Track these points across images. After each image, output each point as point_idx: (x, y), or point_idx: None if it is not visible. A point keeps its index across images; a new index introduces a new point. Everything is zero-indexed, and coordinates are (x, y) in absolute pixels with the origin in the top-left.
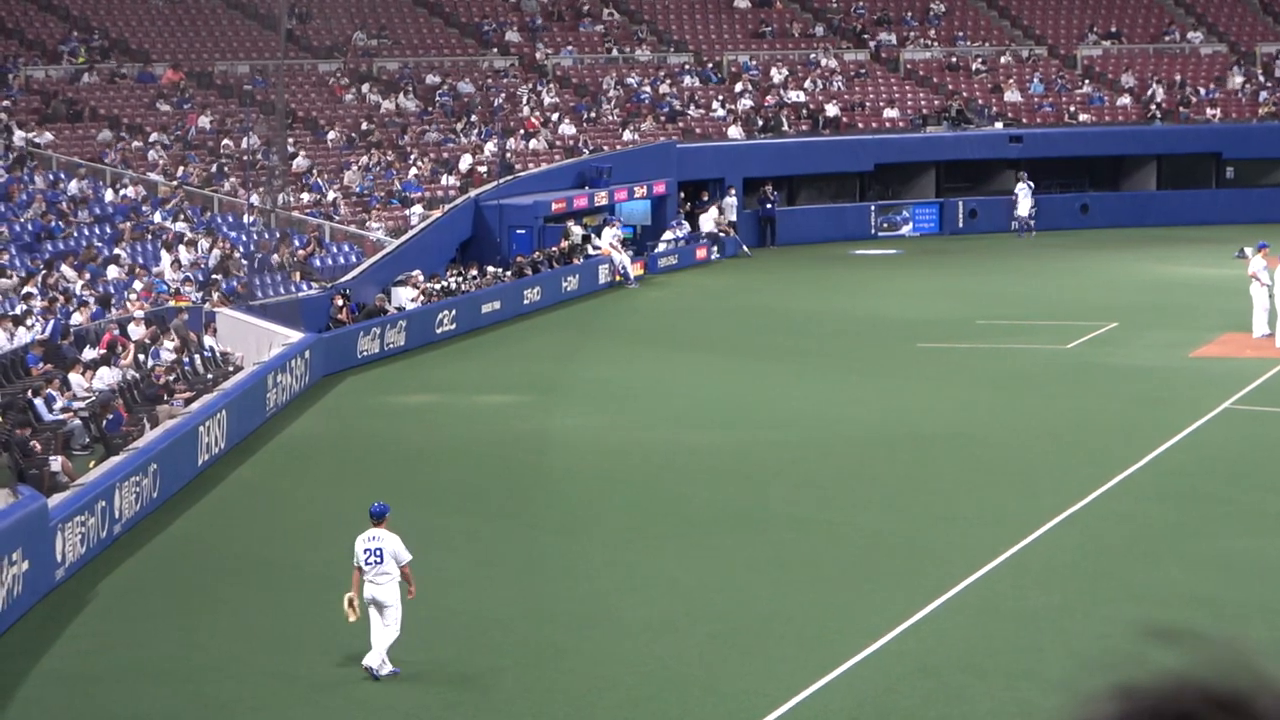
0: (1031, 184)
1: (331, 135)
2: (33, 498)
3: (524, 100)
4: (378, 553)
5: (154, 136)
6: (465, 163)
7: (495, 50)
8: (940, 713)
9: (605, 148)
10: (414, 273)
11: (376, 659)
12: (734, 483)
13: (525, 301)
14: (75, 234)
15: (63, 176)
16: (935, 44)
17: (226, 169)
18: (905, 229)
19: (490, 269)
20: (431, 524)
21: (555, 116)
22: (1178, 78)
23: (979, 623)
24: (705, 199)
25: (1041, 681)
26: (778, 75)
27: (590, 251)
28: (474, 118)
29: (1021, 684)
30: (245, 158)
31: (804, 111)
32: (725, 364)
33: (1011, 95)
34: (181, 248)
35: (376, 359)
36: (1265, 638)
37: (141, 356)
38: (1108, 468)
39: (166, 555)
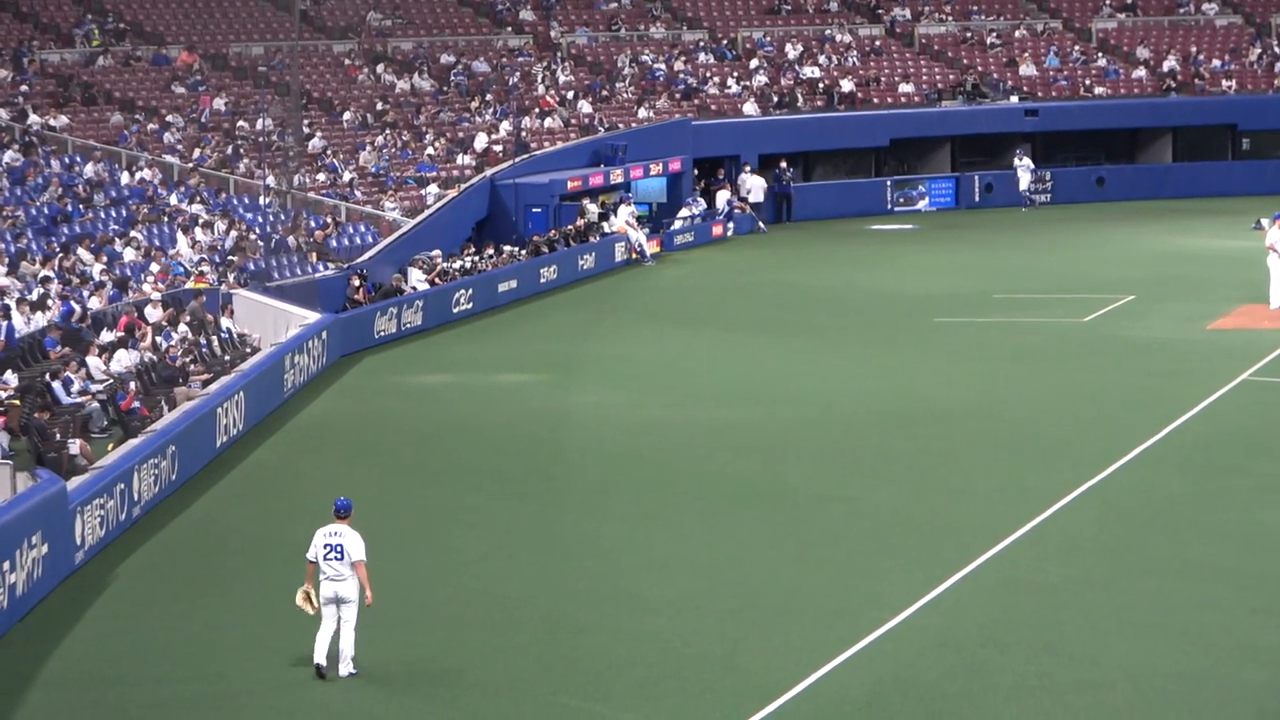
0: (1030, 160)
1: (346, 116)
2: (51, 481)
3: (539, 79)
4: (338, 549)
5: (169, 119)
6: (480, 142)
7: (509, 29)
8: (961, 687)
9: (620, 125)
10: (434, 253)
11: (345, 665)
12: (752, 459)
13: (542, 280)
14: (92, 217)
15: (78, 160)
16: (950, 18)
17: (242, 151)
18: (921, 204)
19: (506, 248)
20: (450, 503)
21: (570, 95)
22: (1193, 50)
23: (999, 597)
24: (721, 176)
25: (1062, 655)
26: (792, 51)
27: (606, 229)
28: (489, 97)
29: (1042, 657)
30: (260, 139)
31: (819, 87)
32: (742, 341)
33: (1027, 69)
34: (198, 229)
35: (393, 339)
36: None
37: (159, 339)
38: (1126, 440)
39: (186, 537)
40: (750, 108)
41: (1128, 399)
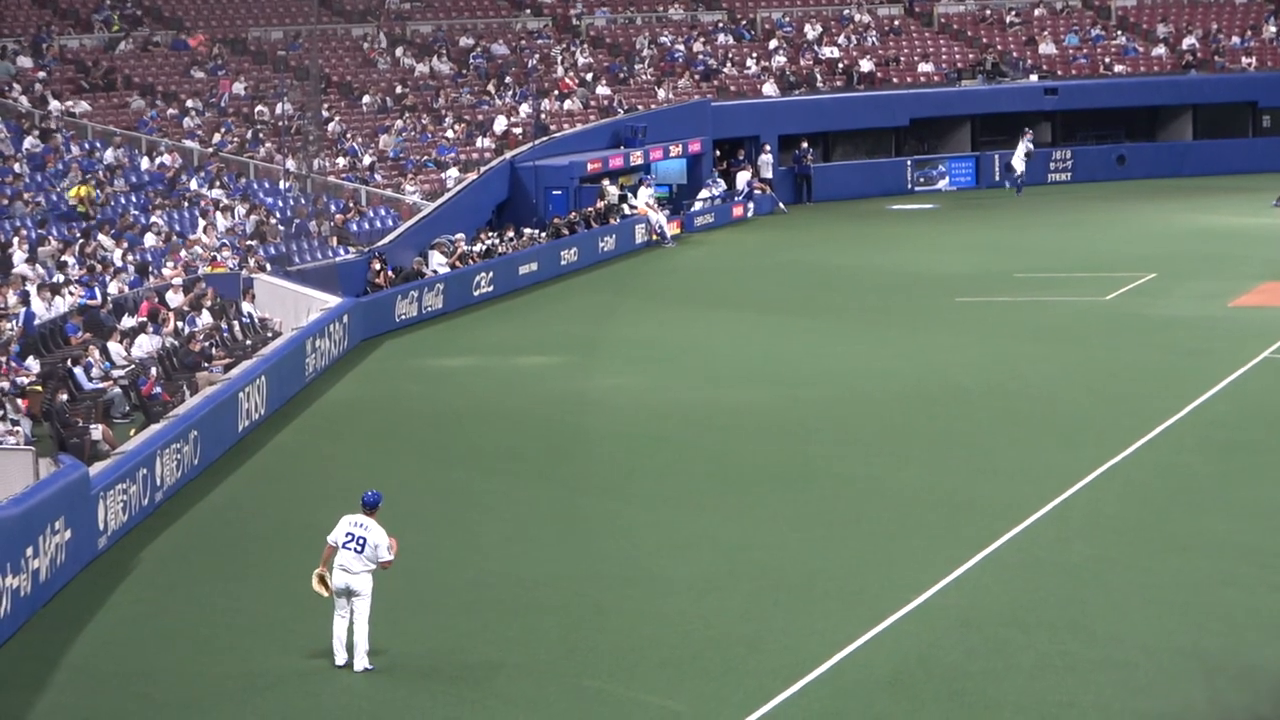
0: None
1: (366, 100)
2: (74, 466)
3: (558, 61)
4: (360, 541)
5: (188, 104)
6: (500, 125)
7: (528, 11)
8: (984, 666)
9: (640, 107)
10: (456, 236)
11: (360, 660)
12: (774, 440)
13: (562, 262)
14: (111, 203)
15: (98, 145)
16: None
17: (261, 135)
18: (941, 183)
19: (527, 230)
20: (471, 486)
21: (589, 77)
22: (1213, 26)
23: (1022, 576)
24: (741, 157)
25: (1085, 634)
26: (811, 31)
27: (627, 211)
28: (508, 79)
29: (1065, 636)
30: (280, 124)
31: (838, 67)
32: (764, 321)
33: (1046, 47)
34: (218, 214)
35: (414, 322)
36: None
37: (180, 324)
38: (1148, 419)
39: (208, 522)
40: (770, 88)
41: (1149, 377)
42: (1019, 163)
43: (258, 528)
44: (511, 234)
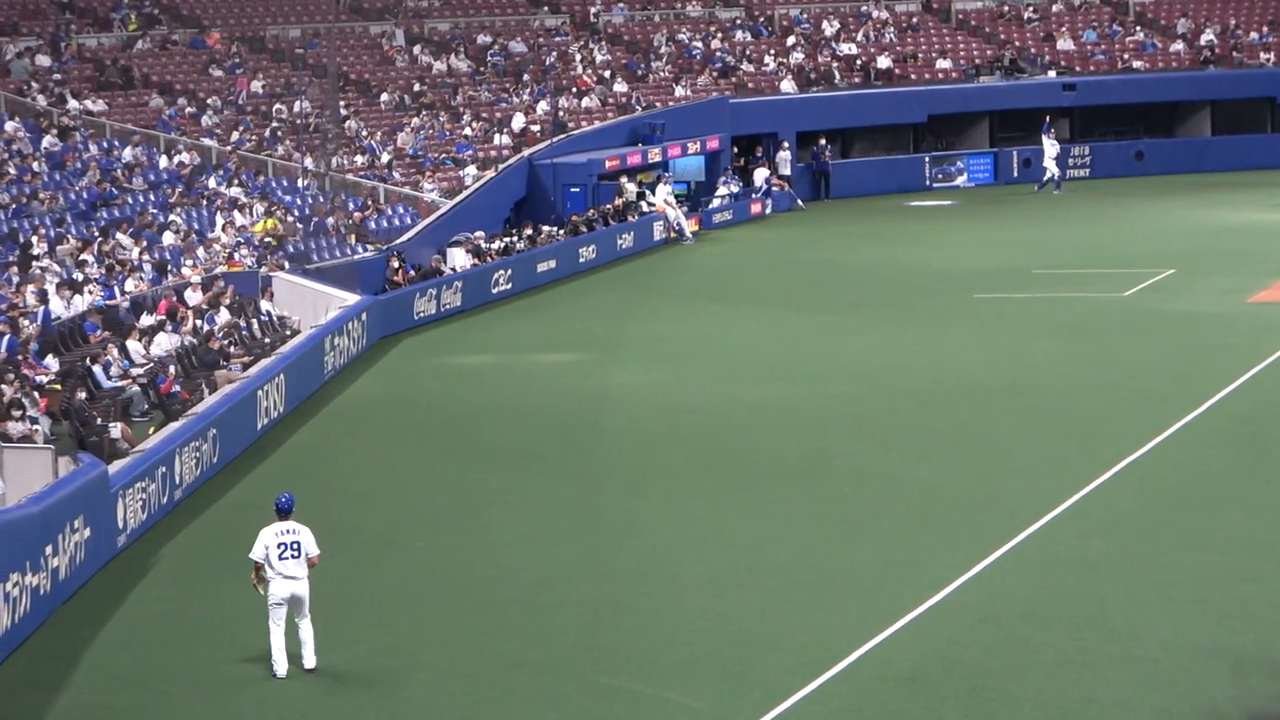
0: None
1: (384, 97)
2: (93, 465)
3: (576, 58)
4: (295, 545)
5: (207, 102)
6: (518, 122)
7: (546, 9)
8: (1003, 663)
9: (658, 104)
10: (476, 234)
11: (311, 657)
12: (792, 437)
13: (581, 260)
14: (130, 201)
15: (117, 144)
16: None
17: (279, 133)
18: (960, 180)
19: (545, 228)
20: (490, 483)
21: (607, 74)
22: (1231, 22)
23: (1041, 572)
24: (759, 154)
25: (1104, 630)
26: (829, 28)
27: (645, 208)
28: (526, 77)
29: (1084, 633)
30: (298, 122)
31: (856, 64)
32: (782, 318)
33: (1064, 43)
34: (236, 213)
35: (433, 320)
36: None
37: (199, 322)
38: (1167, 415)
39: (227, 520)
40: (788, 85)
41: (1168, 373)
42: (1050, 164)
43: None
44: (530, 231)
